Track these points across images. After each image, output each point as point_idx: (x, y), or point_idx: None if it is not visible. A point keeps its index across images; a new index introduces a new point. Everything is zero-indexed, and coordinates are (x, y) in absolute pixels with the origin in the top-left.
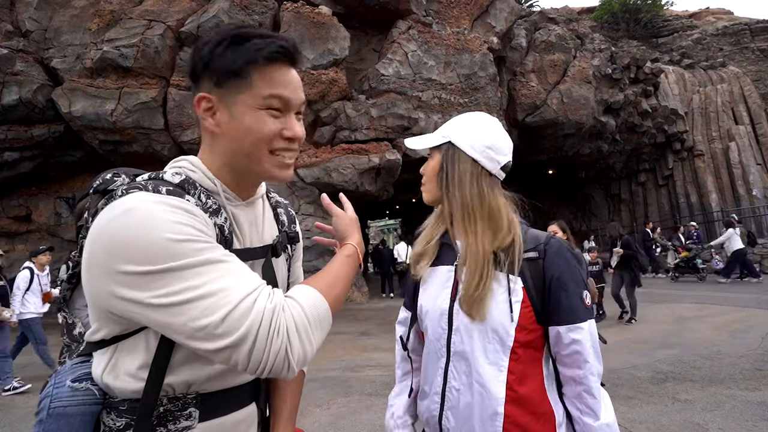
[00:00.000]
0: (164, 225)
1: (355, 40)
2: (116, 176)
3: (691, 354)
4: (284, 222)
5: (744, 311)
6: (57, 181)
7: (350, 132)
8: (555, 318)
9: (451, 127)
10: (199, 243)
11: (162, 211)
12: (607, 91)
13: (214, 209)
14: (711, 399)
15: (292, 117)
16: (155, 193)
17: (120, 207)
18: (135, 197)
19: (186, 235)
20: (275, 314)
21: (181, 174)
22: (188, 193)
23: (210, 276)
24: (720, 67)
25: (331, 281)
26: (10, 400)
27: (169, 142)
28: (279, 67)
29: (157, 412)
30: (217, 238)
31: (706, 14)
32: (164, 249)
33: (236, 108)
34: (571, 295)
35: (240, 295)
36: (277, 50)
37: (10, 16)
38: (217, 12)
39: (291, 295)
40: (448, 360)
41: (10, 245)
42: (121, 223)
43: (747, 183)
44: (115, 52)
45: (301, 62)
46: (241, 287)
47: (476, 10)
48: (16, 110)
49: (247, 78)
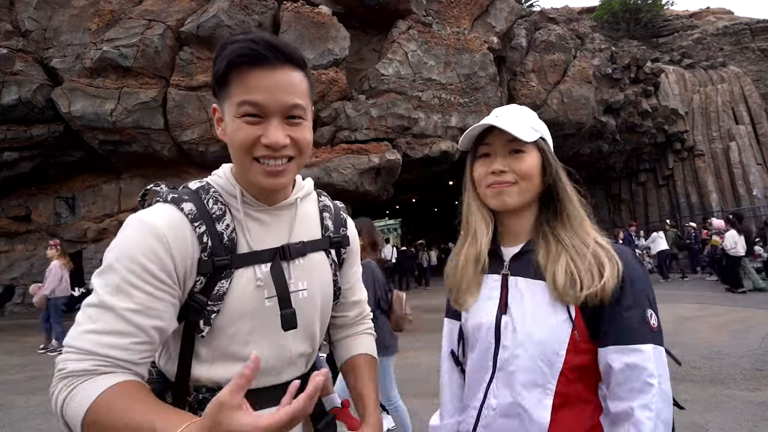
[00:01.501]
0: (121, 247)
1: (355, 40)
2: (156, 186)
3: (691, 354)
4: (329, 226)
5: (744, 311)
6: (56, 181)
7: (350, 132)
8: (606, 339)
9: (532, 120)
10: (119, 278)
11: (133, 233)
12: (608, 91)
13: (218, 215)
14: (711, 399)
15: (271, 123)
16: (154, 208)
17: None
18: (133, 216)
19: (126, 267)
20: (58, 381)
21: (207, 180)
22: (197, 199)
23: (91, 310)
24: (720, 66)
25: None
26: (11, 401)
27: (169, 142)
28: (253, 71)
29: (197, 398)
30: (211, 245)
31: (706, 14)
32: (104, 265)
33: (226, 117)
34: (631, 311)
35: (77, 342)
36: (242, 53)
37: (9, 16)
38: (217, 12)
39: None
40: (493, 375)
41: (10, 245)
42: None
43: (747, 183)
44: (115, 52)
45: (286, 59)
46: (92, 337)
47: (476, 10)
48: (15, 110)
49: (228, 85)
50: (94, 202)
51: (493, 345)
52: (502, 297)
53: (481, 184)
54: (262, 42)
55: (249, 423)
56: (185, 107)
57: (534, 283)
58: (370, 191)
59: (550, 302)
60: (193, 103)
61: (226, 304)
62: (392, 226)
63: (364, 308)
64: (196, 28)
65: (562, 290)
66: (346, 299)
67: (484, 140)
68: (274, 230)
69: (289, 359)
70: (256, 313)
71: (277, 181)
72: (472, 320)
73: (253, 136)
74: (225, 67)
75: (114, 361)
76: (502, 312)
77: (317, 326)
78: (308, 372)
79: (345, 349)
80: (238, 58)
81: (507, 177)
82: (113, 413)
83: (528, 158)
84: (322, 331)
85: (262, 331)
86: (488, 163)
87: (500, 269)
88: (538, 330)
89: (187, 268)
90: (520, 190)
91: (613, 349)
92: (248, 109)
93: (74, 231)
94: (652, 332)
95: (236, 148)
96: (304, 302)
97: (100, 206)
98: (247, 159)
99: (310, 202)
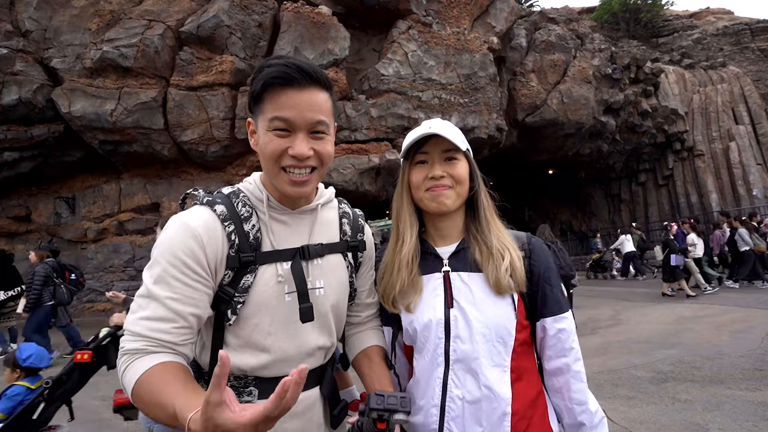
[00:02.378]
0: (164, 245)
1: (355, 40)
2: (194, 190)
3: (691, 354)
4: (347, 231)
5: (744, 311)
6: (57, 181)
7: (350, 132)
8: (542, 311)
9: (460, 133)
10: (162, 271)
11: (173, 232)
12: (607, 91)
13: (246, 216)
14: (711, 399)
15: (298, 136)
16: (192, 210)
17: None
18: (174, 217)
19: (168, 261)
20: (120, 357)
21: (239, 186)
22: (228, 202)
23: (141, 300)
24: (720, 67)
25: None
26: None
27: (169, 142)
28: (285, 91)
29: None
30: (238, 242)
31: (706, 14)
32: (151, 260)
33: (259, 130)
34: (554, 288)
35: (132, 326)
36: (275, 75)
37: (9, 16)
38: (217, 12)
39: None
40: (447, 369)
41: (10, 245)
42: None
43: (747, 183)
44: (115, 52)
45: (313, 81)
46: (143, 322)
47: (476, 10)
48: (15, 110)
49: (262, 103)
50: (94, 202)
51: (443, 340)
52: (447, 292)
53: (420, 188)
54: (293, 66)
55: (230, 419)
56: (185, 107)
57: (475, 276)
58: (370, 191)
59: (493, 291)
60: (193, 103)
61: (251, 296)
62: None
63: (375, 310)
64: (196, 28)
65: (503, 285)
66: (361, 300)
67: (420, 149)
68: (295, 232)
69: (307, 351)
70: (278, 306)
71: (301, 190)
72: (419, 319)
73: (281, 148)
74: (261, 87)
75: (159, 342)
76: (449, 306)
77: (333, 322)
78: (326, 363)
79: (358, 342)
80: (272, 80)
81: (445, 181)
82: (149, 392)
83: (461, 165)
84: (339, 327)
85: (283, 323)
86: (425, 169)
87: (439, 267)
88: (491, 314)
89: (217, 262)
90: (455, 194)
91: (550, 320)
92: (279, 123)
93: (74, 231)
94: (567, 301)
95: (267, 157)
96: (321, 299)
97: (101, 206)
98: (276, 168)
99: (330, 209)
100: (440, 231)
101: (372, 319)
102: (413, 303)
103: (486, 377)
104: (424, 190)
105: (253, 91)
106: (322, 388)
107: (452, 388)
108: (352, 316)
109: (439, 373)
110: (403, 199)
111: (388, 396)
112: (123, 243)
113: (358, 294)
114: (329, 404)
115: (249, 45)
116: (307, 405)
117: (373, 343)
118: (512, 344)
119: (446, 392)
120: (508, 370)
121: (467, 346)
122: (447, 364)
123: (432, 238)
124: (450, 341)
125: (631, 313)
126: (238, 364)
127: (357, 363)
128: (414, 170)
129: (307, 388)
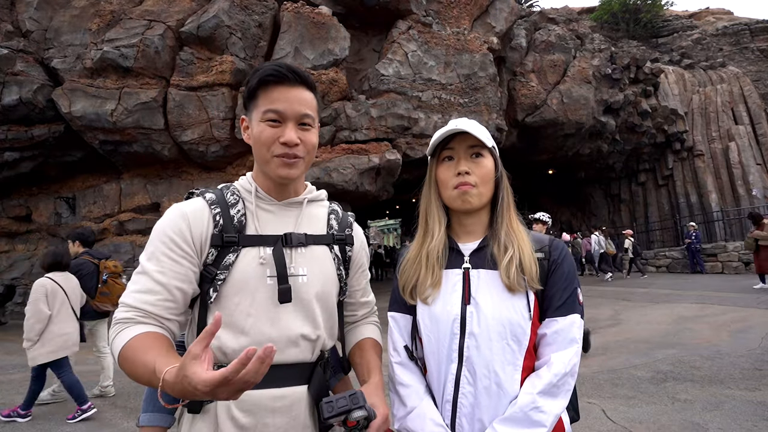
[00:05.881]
0: (157, 227)
1: (355, 40)
2: (197, 189)
3: (691, 354)
4: (333, 226)
5: (744, 311)
6: (57, 181)
7: (350, 132)
8: (553, 312)
9: (483, 131)
10: (154, 248)
11: (167, 216)
12: (607, 91)
13: (232, 203)
14: (711, 399)
15: (288, 126)
16: (186, 200)
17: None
18: (172, 206)
19: (159, 239)
20: (113, 326)
21: (232, 183)
22: (219, 192)
23: (135, 276)
24: (720, 67)
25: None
26: (11, 400)
27: (170, 143)
28: (276, 87)
29: None
30: (223, 223)
31: (706, 14)
32: (148, 242)
33: (252, 123)
34: (572, 292)
35: (125, 298)
36: (269, 73)
37: (10, 16)
38: (217, 12)
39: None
40: (460, 365)
41: (10, 245)
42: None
43: (747, 183)
44: (115, 52)
45: (301, 81)
46: (133, 295)
47: (476, 10)
48: (16, 110)
49: (256, 98)
50: (94, 202)
51: (458, 335)
52: (466, 289)
53: (448, 186)
54: (285, 67)
55: (195, 373)
56: (185, 107)
57: (494, 273)
58: (370, 191)
59: (506, 288)
60: (193, 103)
61: (232, 274)
62: (392, 226)
63: (372, 308)
64: (197, 28)
65: (512, 281)
66: (356, 299)
67: (447, 145)
68: (281, 221)
69: (290, 338)
70: (258, 287)
71: (292, 172)
72: (435, 312)
73: (273, 136)
74: (256, 84)
75: (146, 313)
76: (467, 303)
77: (318, 312)
78: (317, 361)
79: (352, 336)
80: (266, 77)
81: (470, 179)
82: (134, 353)
83: (486, 162)
84: (327, 320)
85: (263, 306)
86: (453, 166)
87: (460, 264)
88: (505, 312)
89: (203, 240)
90: (479, 193)
91: (553, 320)
92: (271, 115)
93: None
94: (580, 306)
95: (260, 145)
96: (303, 287)
97: (101, 206)
98: (268, 154)
99: (320, 207)
100: (465, 227)
101: (368, 315)
102: (431, 296)
103: (499, 376)
104: (452, 188)
105: (248, 89)
106: (310, 388)
107: (465, 384)
108: (348, 315)
109: (453, 369)
110: (431, 194)
111: (336, 399)
112: (123, 243)
113: (352, 293)
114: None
115: (249, 45)
116: (292, 401)
117: (366, 336)
118: (527, 344)
119: (458, 388)
120: (520, 369)
121: (481, 342)
122: (461, 360)
123: (456, 233)
124: (465, 337)
125: (630, 313)
126: (219, 344)
127: (351, 356)
128: (441, 167)
129: (291, 383)
